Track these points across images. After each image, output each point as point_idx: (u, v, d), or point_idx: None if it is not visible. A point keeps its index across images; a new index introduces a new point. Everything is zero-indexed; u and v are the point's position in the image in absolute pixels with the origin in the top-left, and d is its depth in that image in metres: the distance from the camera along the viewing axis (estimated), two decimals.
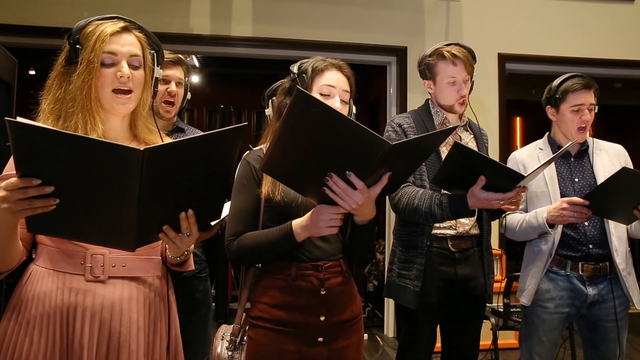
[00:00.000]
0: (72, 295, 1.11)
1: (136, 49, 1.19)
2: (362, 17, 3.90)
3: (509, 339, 3.59)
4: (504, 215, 2.02)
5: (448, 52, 1.80)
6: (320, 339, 1.35)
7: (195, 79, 6.43)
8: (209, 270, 2.08)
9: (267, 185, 1.36)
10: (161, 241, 1.15)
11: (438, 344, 1.93)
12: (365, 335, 3.96)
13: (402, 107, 3.89)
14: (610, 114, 8.08)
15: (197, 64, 5.62)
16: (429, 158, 1.79)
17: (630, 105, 8.37)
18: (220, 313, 4.10)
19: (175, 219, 1.07)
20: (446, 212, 1.60)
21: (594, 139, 2.03)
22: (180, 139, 0.99)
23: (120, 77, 1.15)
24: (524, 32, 4.20)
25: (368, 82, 5.99)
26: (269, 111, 2.04)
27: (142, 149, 0.89)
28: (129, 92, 1.17)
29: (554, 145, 2.03)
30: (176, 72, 1.90)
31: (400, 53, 3.93)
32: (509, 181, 1.45)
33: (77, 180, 0.94)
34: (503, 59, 4.12)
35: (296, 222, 1.30)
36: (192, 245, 1.22)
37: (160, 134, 1.26)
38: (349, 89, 1.44)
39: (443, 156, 1.73)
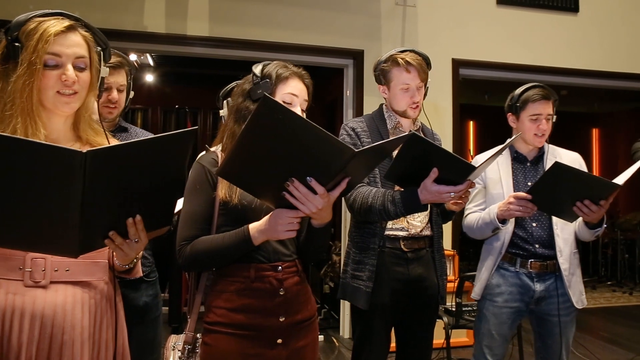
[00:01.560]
0: (10, 297, 1.05)
1: (82, 49, 1.13)
2: (320, 19, 3.92)
3: (461, 337, 3.68)
4: (465, 214, 2.08)
5: (402, 59, 1.82)
6: (280, 341, 1.35)
7: (149, 78, 6.28)
8: (163, 273, 2.03)
9: (224, 188, 1.34)
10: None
11: (393, 344, 1.96)
12: (321, 337, 3.97)
13: (358, 109, 3.92)
14: (557, 120, 8.46)
15: (151, 62, 5.49)
16: None
17: (575, 112, 8.78)
18: (174, 317, 4.00)
19: (122, 225, 1.03)
20: (399, 208, 1.62)
21: (551, 146, 2.11)
22: (126, 141, 0.95)
23: (65, 80, 1.09)
24: (477, 38, 4.33)
25: (325, 85, 6.01)
26: (223, 112, 2.01)
27: (84, 151, 0.86)
28: (74, 92, 1.12)
29: (512, 150, 2.10)
30: (117, 78, 1.83)
31: (357, 56, 3.97)
32: (461, 173, 1.47)
33: (15, 185, 0.89)
34: (457, 64, 4.23)
35: (253, 226, 1.29)
36: (141, 252, 1.19)
37: (106, 134, 1.21)
38: (308, 99, 1.45)
39: (394, 154, 1.76)
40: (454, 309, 2.86)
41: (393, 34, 4.08)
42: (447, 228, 2.06)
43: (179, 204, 1.36)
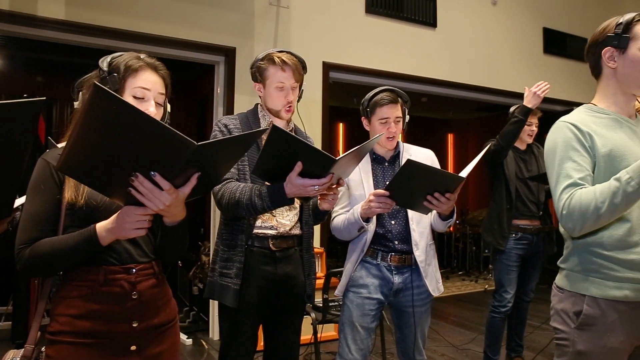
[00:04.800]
0: None
1: None
2: (191, 13, 3.78)
3: (328, 331, 3.81)
4: (332, 217, 2.13)
5: (278, 57, 1.84)
6: (133, 347, 1.27)
7: None
8: (6, 282, 1.79)
9: (70, 189, 1.23)
10: None
11: (261, 343, 1.96)
12: (190, 340, 3.85)
13: (229, 108, 3.87)
14: (418, 124, 9.18)
15: None
16: (251, 152, 1.82)
17: (433, 118, 9.58)
18: (18, 332, 3.56)
19: None
20: (266, 202, 1.63)
21: (406, 145, 2.25)
22: None
23: None
24: (347, 44, 4.51)
25: (198, 80, 5.84)
26: (78, 104, 1.85)
27: None
28: None
29: (371, 152, 2.20)
30: None
31: (229, 53, 3.90)
32: (323, 166, 1.50)
33: None
34: (327, 67, 4.36)
35: (101, 225, 1.20)
36: None
37: None
38: (164, 91, 1.37)
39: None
40: (321, 305, 2.93)
41: (266, 33, 4.09)
42: (317, 226, 2.12)
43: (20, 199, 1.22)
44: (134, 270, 1.30)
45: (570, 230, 1.42)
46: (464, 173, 1.76)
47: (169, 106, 1.45)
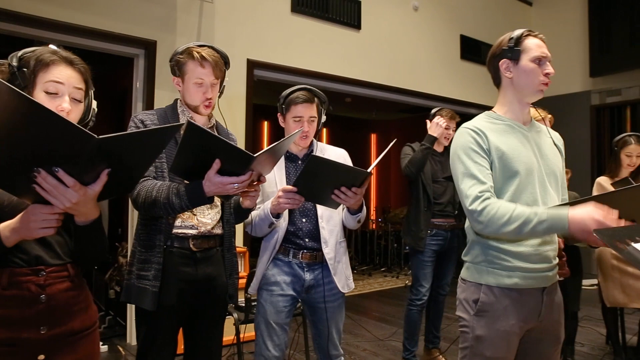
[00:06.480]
0: None
1: None
2: (110, 2, 3.59)
3: (252, 331, 3.76)
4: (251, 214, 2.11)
5: (198, 53, 1.78)
6: (41, 356, 1.20)
7: None
8: None
9: None
10: None
11: (182, 346, 1.91)
12: (105, 347, 3.66)
13: (148, 103, 3.72)
14: (342, 124, 9.36)
15: None
16: (170, 150, 1.76)
17: (357, 118, 9.80)
18: None
19: None
20: (184, 201, 1.58)
21: (320, 144, 2.27)
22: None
23: None
24: (273, 41, 4.49)
25: (116, 74, 5.57)
26: None
27: None
28: None
29: (288, 150, 2.21)
30: None
31: (149, 46, 3.76)
32: (242, 164, 1.49)
33: None
34: (252, 65, 4.33)
35: (5, 225, 1.13)
36: None
37: None
38: (82, 86, 1.30)
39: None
40: (243, 305, 2.91)
41: (189, 27, 3.98)
42: (239, 225, 2.10)
43: None
44: (43, 272, 1.22)
45: (479, 230, 1.57)
46: (369, 168, 1.83)
47: (94, 103, 1.37)
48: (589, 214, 1.37)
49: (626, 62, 6.06)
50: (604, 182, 3.26)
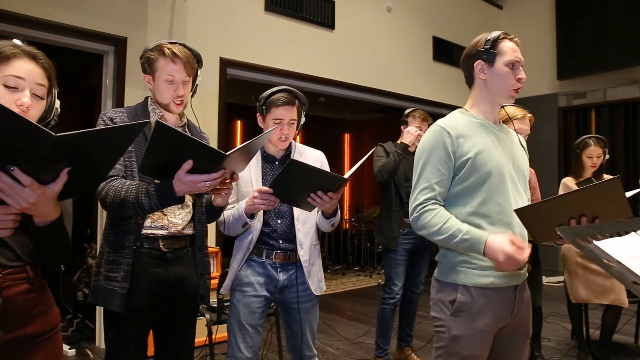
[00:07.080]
0: None
1: None
2: None
3: (224, 332, 3.73)
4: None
5: (169, 49, 1.76)
6: None
7: None
8: None
9: None
10: None
11: (152, 349, 1.88)
12: (73, 351, 3.58)
13: (118, 100, 3.64)
14: (315, 124, 9.35)
15: None
16: (140, 148, 1.72)
17: (331, 118, 9.81)
18: None
19: None
20: (154, 201, 1.55)
21: (298, 145, 2.26)
22: None
23: None
24: (246, 40, 4.46)
25: (85, 71, 5.44)
26: None
27: None
28: None
29: (262, 151, 2.19)
30: None
31: (119, 43, 3.68)
32: (214, 162, 1.47)
33: None
34: (225, 63, 4.29)
35: None
36: None
37: None
38: (45, 83, 1.25)
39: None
40: (215, 305, 2.88)
41: (160, 24, 3.92)
42: (212, 224, 2.08)
43: None
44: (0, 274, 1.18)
45: (415, 229, 1.65)
46: (347, 174, 1.83)
47: (57, 102, 1.33)
48: (502, 246, 1.47)
49: (591, 66, 6.26)
50: (569, 182, 3.36)
